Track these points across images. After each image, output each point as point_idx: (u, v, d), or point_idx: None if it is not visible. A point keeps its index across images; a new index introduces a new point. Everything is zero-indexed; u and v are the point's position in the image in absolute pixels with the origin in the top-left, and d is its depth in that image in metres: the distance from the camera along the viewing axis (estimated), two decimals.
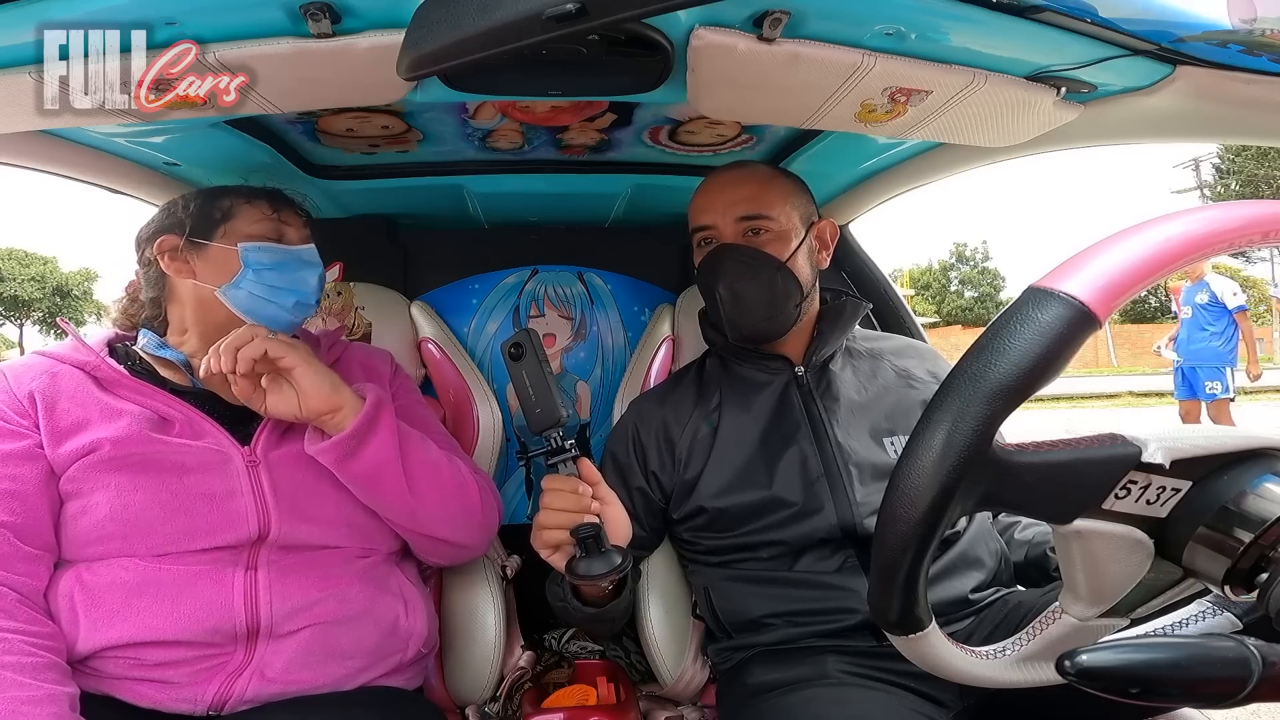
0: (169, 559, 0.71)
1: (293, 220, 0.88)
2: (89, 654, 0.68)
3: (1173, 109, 0.73)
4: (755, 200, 0.88)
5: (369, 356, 0.96)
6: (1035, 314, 0.37)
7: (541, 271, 1.36)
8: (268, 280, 0.82)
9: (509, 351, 0.74)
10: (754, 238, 0.88)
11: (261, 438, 0.78)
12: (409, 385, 0.98)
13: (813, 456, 0.86)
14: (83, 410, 0.74)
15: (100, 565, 0.70)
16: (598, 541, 0.70)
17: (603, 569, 0.69)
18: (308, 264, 0.87)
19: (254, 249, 0.82)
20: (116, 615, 0.68)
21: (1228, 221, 0.39)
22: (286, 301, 0.84)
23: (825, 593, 0.82)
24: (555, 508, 0.71)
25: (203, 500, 0.73)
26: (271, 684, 0.71)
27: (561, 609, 0.86)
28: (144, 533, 0.71)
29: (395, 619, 0.80)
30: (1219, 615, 0.45)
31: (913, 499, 0.38)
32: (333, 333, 0.96)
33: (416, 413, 0.94)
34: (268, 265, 0.82)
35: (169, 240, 0.83)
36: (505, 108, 0.90)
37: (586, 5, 0.41)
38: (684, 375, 1.01)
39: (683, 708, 1.03)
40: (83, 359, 0.77)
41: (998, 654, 0.47)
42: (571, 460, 0.73)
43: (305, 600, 0.74)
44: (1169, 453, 0.40)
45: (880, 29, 0.62)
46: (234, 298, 0.82)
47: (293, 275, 0.84)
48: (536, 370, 0.72)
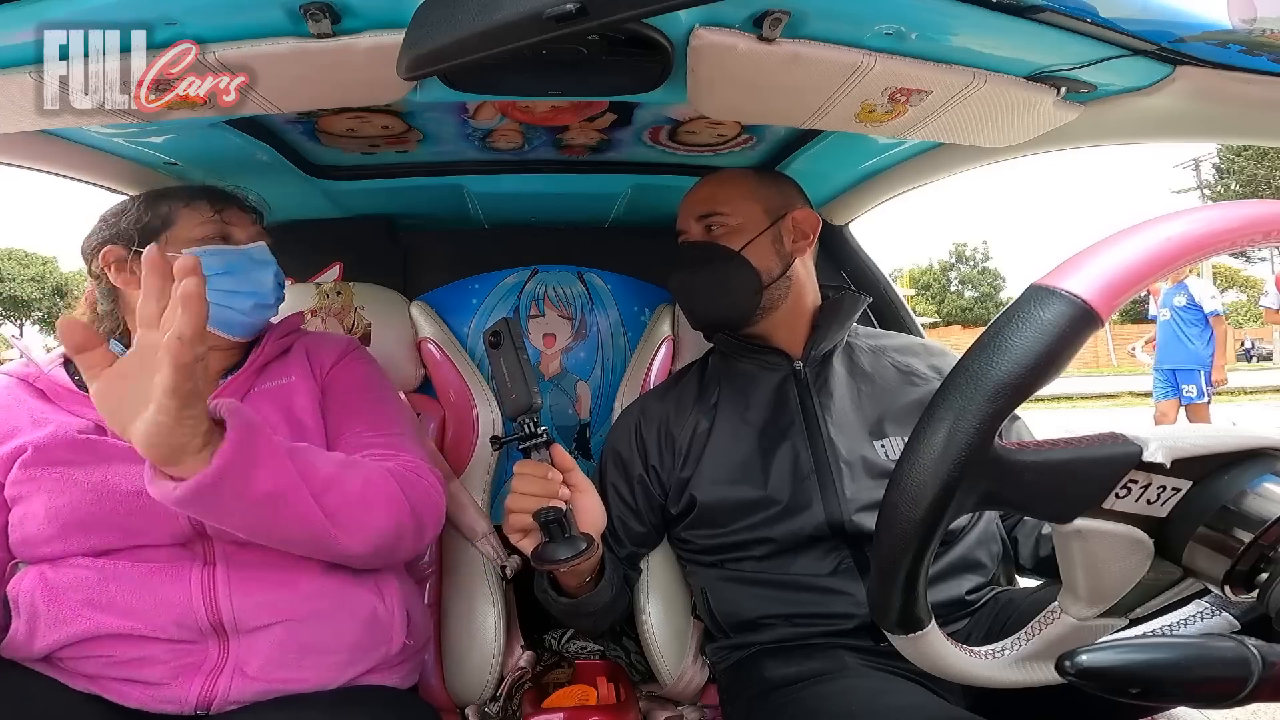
0: (118, 555, 0.71)
1: (237, 219, 0.85)
2: (55, 649, 0.69)
3: (1173, 109, 0.73)
4: (709, 199, 0.94)
5: (317, 344, 0.92)
6: (1037, 312, 0.37)
7: (541, 271, 1.36)
8: (220, 285, 0.80)
9: (488, 339, 0.75)
10: (710, 233, 0.93)
11: None
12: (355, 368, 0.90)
13: (804, 452, 0.86)
14: (14, 419, 0.75)
15: (61, 564, 0.71)
16: (561, 526, 0.71)
17: (566, 554, 0.70)
18: (259, 263, 0.84)
19: (200, 254, 0.79)
20: (78, 610, 0.69)
21: (1228, 221, 0.39)
22: (244, 305, 0.82)
23: (822, 596, 0.82)
24: (523, 492, 0.72)
25: (131, 496, 0.71)
26: (254, 682, 0.71)
27: (543, 599, 0.86)
28: (80, 532, 0.71)
29: (372, 609, 0.78)
30: (1219, 615, 0.45)
31: (913, 497, 0.38)
32: (289, 320, 0.93)
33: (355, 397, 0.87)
34: (218, 270, 0.80)
35: (113, 252, 0.81)
36: (505, 108, 0.90)
37: (586, 5, 0.41)
38: (687, 372, 1.02)
39: (683, 708, 1.03)
40: (25, 372, 0.79)
41: (997, 654, 0.47)
42: (544, 446, 0.74)
43: (269, 595, 0.73)
44: (1169, 452, 0.40)
45: (880, 29, 0.62)
46: None
47: (245, 277, 0.82)
48: (513, 357, 0.74)
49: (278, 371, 0.87)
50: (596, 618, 0.86)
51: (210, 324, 0.76)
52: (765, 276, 0.91)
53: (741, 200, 0.93)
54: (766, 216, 0.92)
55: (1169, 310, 4.40)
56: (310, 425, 0.83)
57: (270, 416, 0.81)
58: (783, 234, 0.93)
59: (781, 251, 0.92)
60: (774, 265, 0.92)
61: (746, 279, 0.90)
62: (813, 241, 0.95)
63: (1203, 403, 4.31)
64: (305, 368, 0.88)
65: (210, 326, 0.78)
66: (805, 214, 0.95)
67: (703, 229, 0.94)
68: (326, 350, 0.91)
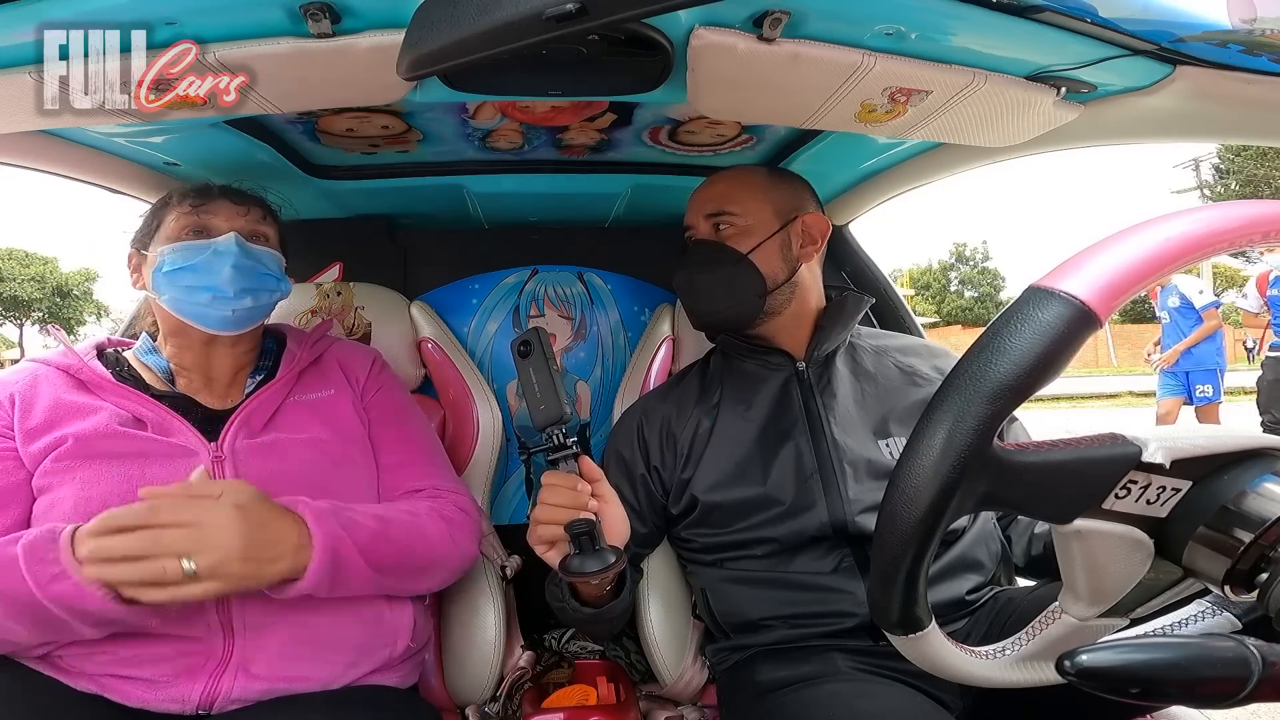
0: None
1: (221, 210, 0.84)
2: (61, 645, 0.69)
3: (1173, 109, 0.73)
4: (722, 197, 0.93)
5: (349, 356, 0.95)
6: (1036, 313, 0.37)
7: (541, 271, 1.36)
8: (181, 281, 0.81)
9: (518, 349, 0.75)
10: (719, 232, 0.92)
11: (229, 434, 0.79)
12: (390, 384, 0.96)
13: (808, 453, 0.86)
14: (56, 409, 0.76)
15: None
16: (592, 539, 0.70)
17: (595, 567, 0.69)
18: (219, 254, 0.82)
19: (167, 251, 0.81)
20: None
21: (1228, 221, 0.39)
22: (201, 299, 0.81)
23: (822, 595, 0.82)
24: (552, 503, 0.71)
25: None
26: (257, 680, 0.71)
27: (560, 609, 0.86)
28: None
29: (379, 612, 0.79)
30: (1219, 615, 0.45)
31: (913, 498, 0.38)
32: (318, 328, 0.95)
33: (393, 416, 0.92)
34: (179, 266, 0.81)
35: (134, 257, 0.86)
36: (505, 108, 0.90)
37: (586, 5, 0.41)
38: (689, 372, 1.02)
39: (683, 708, 1.03)
40: (67, 363, 0.80)
41: (997, 654, 0.47)
42: (572, 458, 0.73)
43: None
44: (1169, 453, 0.40)
45: (880, 29, 0.62)
46: (167, 304, 0.82)
47: (201, 272, 0.81)
48: (543, 368, 0.73)
49: (315, 383, 0.88)
50: (614, 624, 0.87)
51: (183, 316, 0.82)
52: (770, 282, 0.90)
53: (752, 201, 0.92)
54: (776, 219, 0.92)
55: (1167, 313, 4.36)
56: (356, 438, 0.87)
57: (317, 431, 0.84)
58: (791, 238, 0.92)
59: (788, 256, 0.92)
60: (780, 270, 0.91)
61: (751, 283, 0.90)
62: (820, 247, 0.95)
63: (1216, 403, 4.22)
64: (342, 379, 0.91)
65: (183, 318, 0.82)
66: (815, 218, 0.94)
67: (711, 227, 0.93)
68: (356, 361, 0.95)
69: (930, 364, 0.96)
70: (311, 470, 0.80)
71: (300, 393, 0.86)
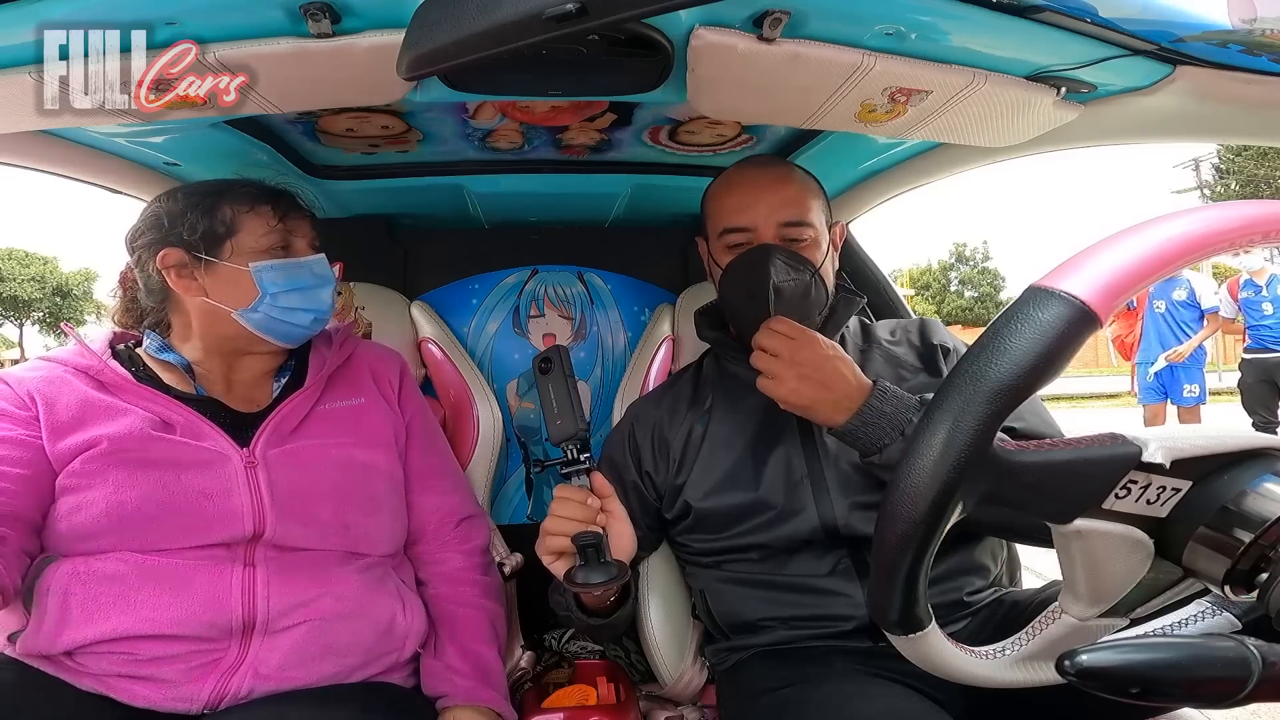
0: (166, 554, 0.71)
1: (299, 226, 0.85)
2: (80, 646, 0.68)
3: (1173, 109, 0.73)
4: (798, 205, 0.85)
5: (378, 359, 0.94)
6: (1036, 313, 0.37)
7: (541, 271, 1.36)
8: (284, 303, 0.81)
9: (539, 365, 0.79)
10: (792, 245, 0.84)
11: (261, 439, 0.78)
12: (418, 396, 0.97)
13: (797, 457, 0.85)
14: (83, 408, 0.74)
15: (96, 559, 0.70)
16: (598, 551, 0.72)
17: (600, 579, 0.71)
18: (321, 278, 0.84)
19: (267, 269, 0.80)
20: (113, 607, 0.69)
21: (1228, 221, 0.39)
22: (303, 320, 0.83)
23: (819, 597, 0.82)
24: (562, 515, 0.73)
25: (199, 497, 0.73)
26: (266, 680, 0.71)
27: (565, 618, 0.87)
28: (139, 528, 0.71)
29: (392, 618, 0.80)
30: (1219, 615, 0.45)
31: (913, 498, 0.38)
32: (345, 328, 0.95)
33: (423, 425, 0.94)
34: (284, 287, 0.81)
35: (173, 255, 0.79)
36: (505, 108, 0.90)
37: (586, 5, 0.41)
38: (682, 376, 1.01)
39: (683, 708, 1.03)
40: (86, 363, 0.78)
41: (997, 654, 0.47)
42: (585, 473, 0.76)
43: (303, 596, 0.74)
44: (1169, 452, 0.40)
45: (880, 29, 0.62)
46: (251, 320, 0.81)
47: (308, 293, 0.82)
48: (562, 385, 0.77)
49: (345, 390, 0.87)
50: (618, 628, 0.87)
51: (265, 333, 0.81)
52: (830, 297, 0.88)
53: (817, 211, 0.87)
54: (826, 230, 0.88)
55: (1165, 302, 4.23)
56: (386, 449, 0.86)
57: (346, 441, 0.83)
58: (831, 250, 0.88)
59: (833, 268, 0.89)
60: (833, 284, 0.89)
61: (821, 299, 0.86)
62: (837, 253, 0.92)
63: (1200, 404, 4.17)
64: (373, 388, 0.90)
65: (264, 334, 0.81)
66: (840, 225, 0.92)
67: (782, 238, 0.84)
68: (385, 367, 0.94)
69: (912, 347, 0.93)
70: (339, 480, 0.80)
71: (330, 399, 0.86)
